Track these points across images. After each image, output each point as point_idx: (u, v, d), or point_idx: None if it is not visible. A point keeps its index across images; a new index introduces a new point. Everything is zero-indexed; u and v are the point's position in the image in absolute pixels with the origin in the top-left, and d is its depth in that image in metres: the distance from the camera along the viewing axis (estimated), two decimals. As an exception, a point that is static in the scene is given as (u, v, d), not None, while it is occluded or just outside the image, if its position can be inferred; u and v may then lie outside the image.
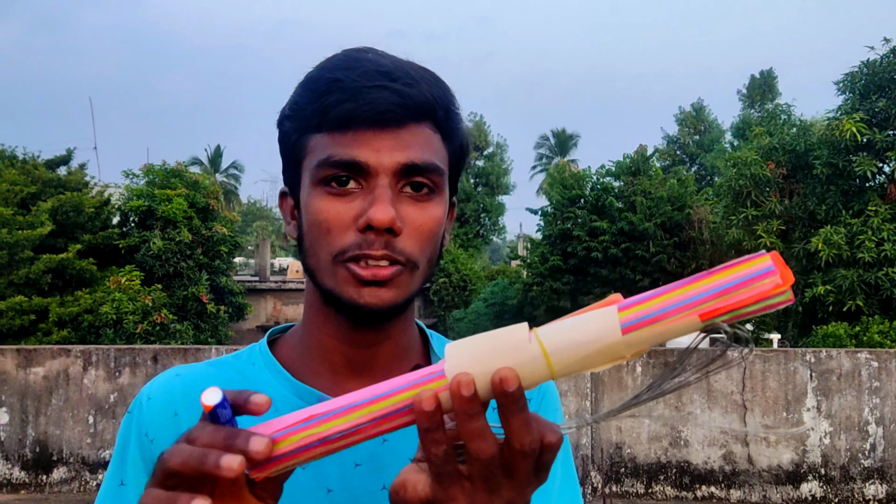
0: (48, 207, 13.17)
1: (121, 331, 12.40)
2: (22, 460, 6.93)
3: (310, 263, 0.81)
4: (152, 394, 0.84)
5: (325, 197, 0.77)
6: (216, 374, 0.86)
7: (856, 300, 10.99)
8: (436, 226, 0.80)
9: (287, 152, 0.83)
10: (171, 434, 0.80)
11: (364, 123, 0.75)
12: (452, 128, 0.82)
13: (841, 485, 6.64)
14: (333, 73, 0.78)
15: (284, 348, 0.89)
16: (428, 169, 0.77)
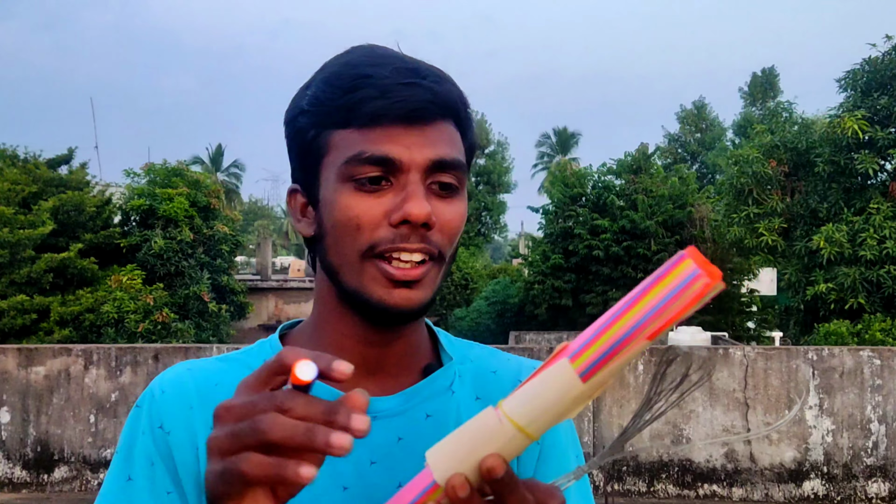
0: (49, 207, 13.18)
1: (122, 330, 12.40)
2: (23, 459, 6.93)
3: (332, 261, 0.80)
4: (165, 387, 0.82)
5: (354, 193, 0.76)
6: (227, 369, 0.85)
7: (858, 298, 10.98)
8: (461, 222, 0.81)
9: (301, 149, 0.82)
10: (186, 426, 0.80)
11: (395, 120, 0.76)
12: (468, 126, 0.84)
13: (843, 483, 6.63)
14: (361, 69, 0.78)
15: (296, 345, 0.87)
16: (454, 165, 0.79)
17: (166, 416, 0.80)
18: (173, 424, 0.80)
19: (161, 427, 0.80)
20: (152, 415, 0.81)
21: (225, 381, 0.83)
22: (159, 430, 0.80)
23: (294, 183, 0.85)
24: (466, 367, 0.90)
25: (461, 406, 0.86)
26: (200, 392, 0.82)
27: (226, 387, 0.82)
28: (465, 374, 0.89)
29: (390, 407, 0.82)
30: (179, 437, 0.79)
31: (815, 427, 6.68)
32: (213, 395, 0.81)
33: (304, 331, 0.89)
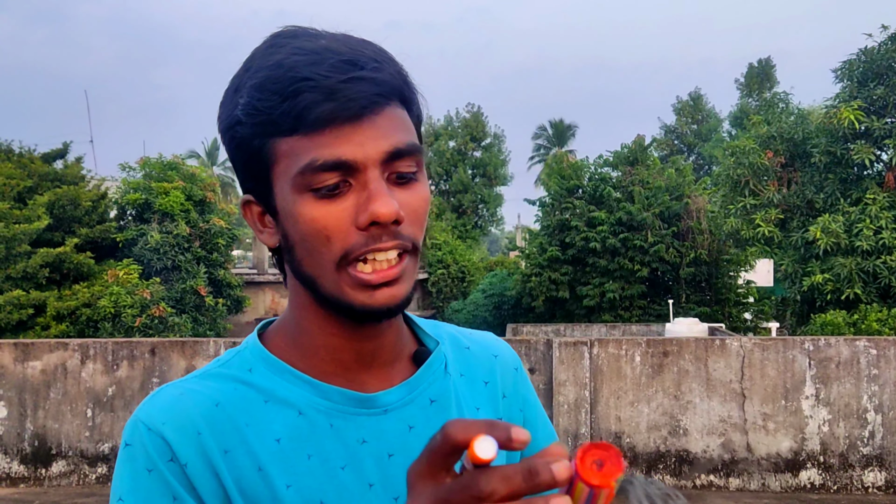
0: (45, 201, 13.13)
1: (119, 324, 12.38)
2: (21, 454, 6.93)
3: (308, 272, 0.77)
4: (164, 419, 0.76)
5: (315, 203, 0.74)
6: (221, 387, 0.80)
7: (854, 288, 11.00)
8: (427, 205, 0.79)
9: (247, 159, 0.78)
10: (200, 454, 0.75)
11: (345, 119, 0.72)
12: (413, 99, 0.80)
13: (840, 472, 6.66)
14: (297, 70, 0.73)
15: (280, 349, 0.84)
16: (411, 151, 0.76)
17: (177, 448, 0.74)
18: (187, 455, 0.74)
19: (173, 460, 0.74)
20: (157, 450, 0.74)
21: (224, 399, 0.78)
22: (172, 464, 0.74)
23: (246, 193, 0.81)
24: (447, 348, 0.91)
25: (457, 387, 0.87)
26: (203, 416, 0.76)
27: (227, 406, 0.78)
28: (447, 354, 0.90)
29: (399, 398, 0.82)
30: (197, 467, 0.74)
31: (812, 417, 6.70)
32: (217, 417, 0.77)
33: (286, 333, 0.85)
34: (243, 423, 0.77)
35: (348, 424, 0.79)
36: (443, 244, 23.87)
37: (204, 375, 0.81)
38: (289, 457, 0.77)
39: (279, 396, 0.79)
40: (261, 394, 0.79)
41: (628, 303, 16.93)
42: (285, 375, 0.81)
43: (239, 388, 0.80)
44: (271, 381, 0.80)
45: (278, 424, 0.78)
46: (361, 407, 0.80)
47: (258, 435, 0.77)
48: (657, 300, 17.15)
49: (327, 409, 0.79)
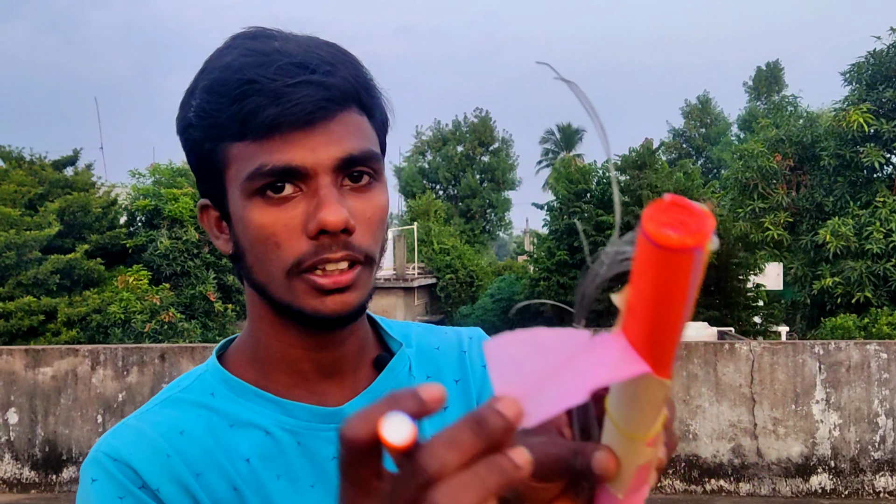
0: (55, 208, 13.22)
1: (129, 330, 12.44)
2: (32, 460, 6.96)
3: (258, 280, 0.76)
4: (128, 447, 0.73)
5: (264, 208, 0.72)
6: (182, 415, 0.77)
7: (864, 292, 10.95)
8: (383, 213, 0.76)
9: (201, 163, 0.77)
10: (171, 477, 0.72)
11: (292, 125, 0.70)
12: (374, 104, 0.78)
13: (851, 477, 6.62)
14: (244, 72, 0.71)
15: (240, 367, 0.82)
16: (366, 158, 0.74)
17: (146, 474, 0.72)
18: (158, 480, 0.72)
19: (143, 487, 0.72)
20: (126, 478, 0.72)
21: (187, 428, 0.76)
22: (144, 490, 0.72)
23: (203, 197, 0.81)
24: (412, 349, 0.88)
25: None
26: (171, 443, 0.74)
27: (191, 433, 0.76)
28: (412, 355, 0.87)
29: None
30: (170, 491, 0.72)
31: (822, 421, 6.66)
32: (182, 444, 0.75)
33: (245, 349, 0.83)
34: (210, 450, 0.76)
35: (316, 441, 0.78)
36: (451, 249, 23.88)
37: (165, 403, 0.79)
38: (259, 477, 0.76)
39: (244, 419, 0.78)
40: (225, 419, 0.78)
41: (637, 307, 16.90)
42: (248, 396, 0.79)
43: (203, 414, 0.78)
44: (235, 403, 0.79)
45: (246, 446, 0.76)
46: (327, 422, 0.78)
47: (228, 458, 0.76)
48: (666, 304, 17.10)
49: (293, 426, 0.78)
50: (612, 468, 0.45)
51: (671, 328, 0.42)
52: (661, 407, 0.46)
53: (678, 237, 0.39)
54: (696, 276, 0.40)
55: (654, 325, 0.42)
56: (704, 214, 0.39)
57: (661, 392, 0.44)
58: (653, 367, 0.43)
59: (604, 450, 0.45)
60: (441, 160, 34.61)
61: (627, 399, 0.46)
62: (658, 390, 0.44)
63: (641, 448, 0.46)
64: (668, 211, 0.40)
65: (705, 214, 0.39)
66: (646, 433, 0.46)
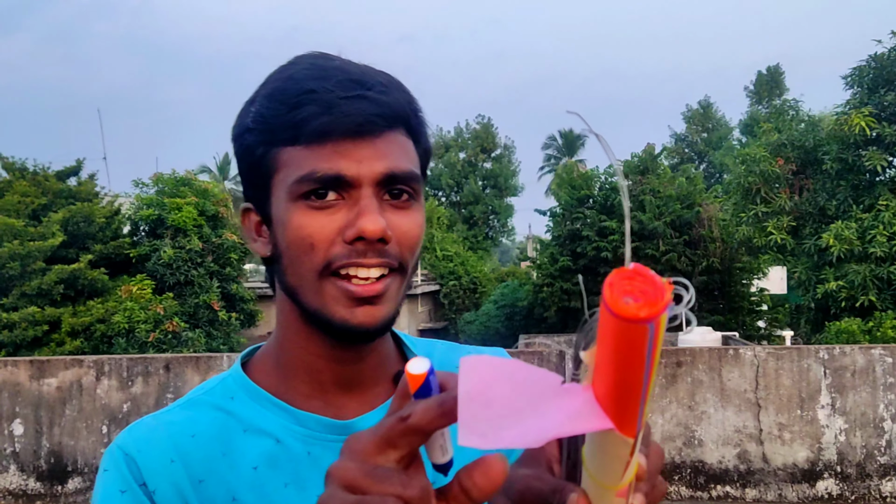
0: (59, 218, 13.25)
1: (133, 340, 12.44)
2: (37, 471, 6.97)
3: (290, 282, 0.78)
4: (140, 445, 0.78)
5: (306, 212, 0.75)
6: (198, 417, 0.81)
7: (868, 295, 10.92)
8: (420, 231, 0.79)
9: (251, 167, 0.80)
10: (171, 482, 0.76)
11: (342, 135, 0.74)
12: (421, 132, 0.82)
13: (857, 482, 6.60)
14: (304, 83, 0.75)
15: (262, 373, 0.85)
16: (408, 176, 0.77)
17: (148, 474, 0.76)
18: (157, 482, 0.76)
19: (144, 485, 0.76)
20: (131, 473, 0.76)
21: (199, 430, 0.80)
22: (142, 489, 0.76)
23: (247, 202, 0.84)
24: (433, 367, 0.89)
25: None
26: (177, 446, 0.78)
27: (202, 436, 0.79)
28: None
29: None
30: (165, 494, 0.76)
31: (828, 426, 6.64)
32: (192, 448, 0.78)
33: (269, 356, 0.86)
34: (220, 453, 0.78)
35: (326, 452, 0.79)
36: (454, 255, 23.88)
37: (187, 404, 0.83)
38: (265, 485, 0.77)
39: (257, 425, 0.80)
40: (240, 423, 0.80)
41: (641, 312, 16.86)
42: (264, 403, 0.81)
43: (219, 417, 0.81)
44: (251, 409, 0.81)
45: (255, 453, 0.78)
46: (339, 434, 0.80)
47: (234, 464, 0.78)
48: (670, 309, 17.06)
49: (304, 436, 0.80)
50: None
51: (632, 390, 0.43)
52: (625, 461, 0.47)
53: (635, 307, 0.40)
54: (654, 344, 0.41)
55: (616, 385, 0.44)
56: (663, 287, 0.41)
57: (623, 448, 0.46)
58: (616, 423, 0.44)
59: (579, 493, 0.49)
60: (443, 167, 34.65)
61: (596, 450, 0.48)
62: (620, 446, 0.46)
63: (611, 497, 0.49)
64: (632, 279, 0.41)
65: (664, 287, 0.41)
66: (614, 484, 0.48)
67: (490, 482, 0.48)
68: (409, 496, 0.48)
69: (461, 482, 0.48)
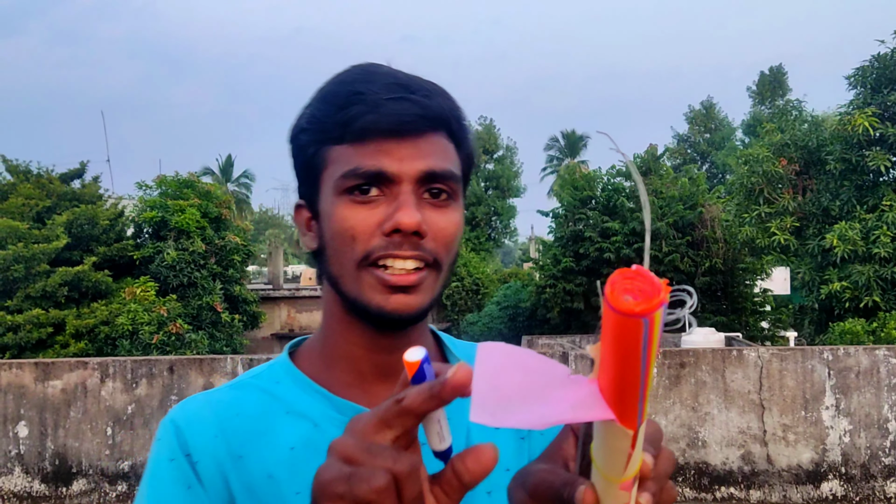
0: (63, 221, 13.27)
1: (137, 341, 12.46)
2: (42, 473, 6.98)
3: (333, 271, 0.84)
4: (189, 419, 0.85)
5: (349, 205, 0.80)
6: (243, 397, 0.87)
7: (872, 296, 10.90)
8: (456, 230, 0.83)
9: (303, 165, 0.85)
10: (212, 455, 0.82)
11: (386, 134, 0.79)
12: (464, 137, 0.86)
13: (862, 483, 6.59)
14: (353, 86, 0.81)
15: (307, 361, 0.90)
16: (446, 176, 0.81)
17: (192, 446, 0.83)
18: (200, 454, 0.82)
19: (188, 455, 0.82)
20: (179, 444, 0.83)
21: (244, 409, 0.86)
22: (186, 458, 0.82)
23: (300, 198, 0.89)
24: None
25: None
26: (221, 422, 0.84)
27: (246, 416, 0.85)
28: None
29: None
30: (206, 465, 0.82)
31: (832, 428, 6.63)
32: (235, 426, 0.84)
33: (314, 345, 0.91)
34: (260, 432, 0.84)
35: None
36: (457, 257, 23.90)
37: (236, 385, 0.89)
38: (300, 465, 0.82)
39: (298, 409, 0.85)
40: (282, 405, 0.86)
41: (644, 313, 16.83)
42: (306, 389, 0.87)
43: (263, 399, 0.87)
44: (293, 393, 0.87)
45: (294, 434, 0.84)
46: None
47: (273, 443, 0.83)
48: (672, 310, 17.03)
49: (340, 422, 0.83)
50: (590, 502, 0.51)
51: (631, 383, 0.46)
52: (627, 453, 0.50)
53: (633, 303, 0.44)
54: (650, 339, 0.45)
55: (616, 377, 0.47)
56: (660, 287, 0.45)
57: (624, 440, 0.49)
58: (617, 415, 0.48)
59: (587, 486, 0.52)
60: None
61: (601, 442, 0.52)
62: (622, 438, 0.49)
63: (615, 490, 0.52)
64: (633, 279, 0.45)
65: (660, 287, 0.45)
66: (618, 477, 0.51)
67: (481, 467, 0.52)
68: (398, 470, 0.52)
69: (454, 466, 0.53)
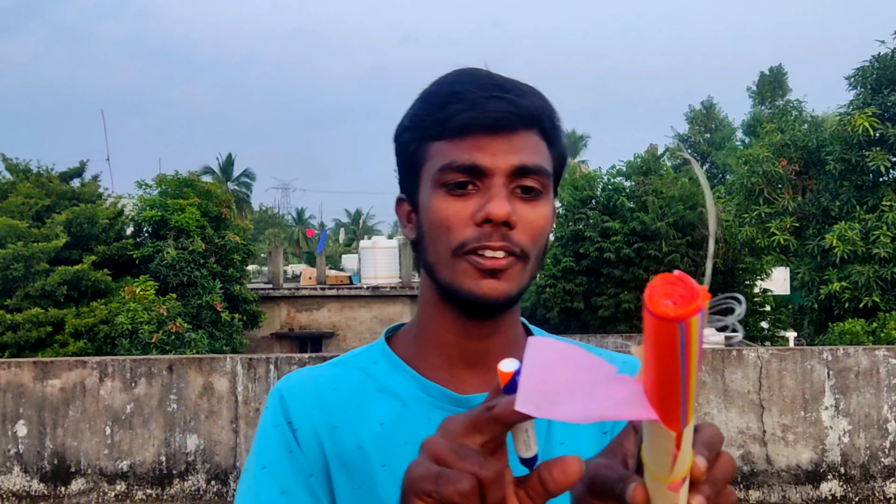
0: (63, 219, 13.27)
1: (136, 341, 12.45)
2: (40, 472, 6.98)
3: (429, 259, 0.89)
4: (291, 390, 0.93)
5: (445, 197, 0.86)
6: (342, 374, 0.95)
7: (872, 296, 10.90)
8: (545, 223, 0.88)
9: (405, 161, 0.92)
10: (310, 424, 0.90)
11: (481, 130, 0.84)
12: (556, 136, 0.91)
13: (861, 483, 6.58)
14: (452, 86, 0.87)
15: (401, 345, 0.97)
16: (537, 171, 0.86)
17: (293, 415, 0.91)
18: (300, 422, 0.91)
19: (290, 423, 0.91)
20: (283, 412, 0.92)
21: (341, 384, 0.94)
22: (288, 426, 0.91)
23: (401, 192, 0.96)
24: None
25: None
26: (320, 395, 0.93)
27: (342, 391, 0.93)
28: None
29: None
30: (305, 433, 0.90)
31: (832, 428, 6.63)
32: (332, 399, 0.92)
33: (409, 330, 0.98)
34: (354, 407, 0.91)
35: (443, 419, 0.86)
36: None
37: (337, 363, 0.97)
38: (388, 440, 0.89)
39: (389, 388, 0.92)
40: (375, 383, 0.93)
41: (644, 313, 16.83)
42: (398, 370, 0.94)
43: (359, 377, 0.94)
44: (386, 373, 0.94)
45: (384, 411, 0.91)
46: (457, 405, 0.90)
47: (365, 417, 0.91)
48: (673, 310, 17.02)
49: (427, 403, 0.91)
50: (639, 500, 0.53)
51: (671, 385, 0.48)
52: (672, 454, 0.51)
53: (671, 308, 0.45)
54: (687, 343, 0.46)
55: (658, 380, 0.48)
56: (698, 293, 0.46)
57: (669, 441, 0.50)
58: (661, 416, 0.49)
59: (639, 484, 0.54)
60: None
61: (648, 442, 0.53)
62: (667, 439, 0.50)
63: (664, 489, 0.53)
64: (674, 284, 0.46)
65: (699, 293, 0.46)
66: (666, 477, 0.52)
67: (566, 478, 0.55)
68: (483, 475, 0.55)
69: (540, 474, 0.56)
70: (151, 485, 6.92)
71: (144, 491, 6.92)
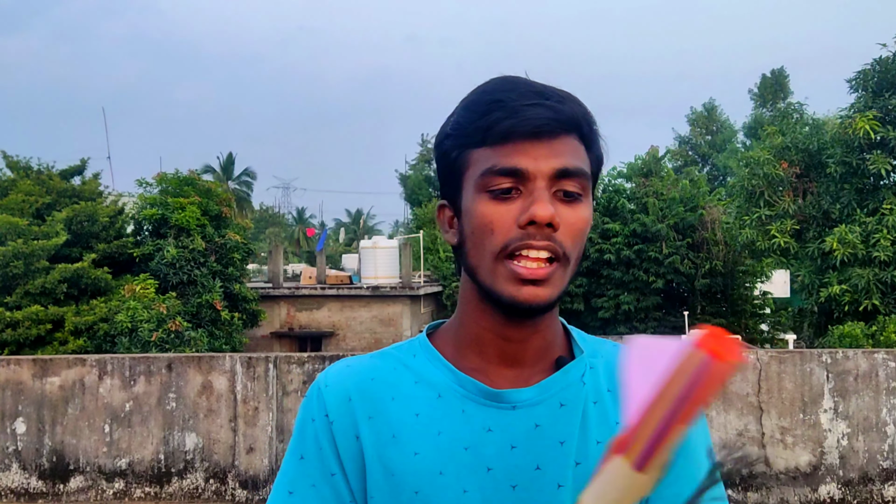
0: (63, 217, 13.27)
1: (136, 339, 12.46)
2: (39, 470, 6.98)
3: (471, 262, 0.91)
4: (328, 382, 0.96)
5: (488, 201, 0.88)
6: (381, 365, 0.97)
7: (872, 299, 10.90)
8: (585, 225, 0.90)
9: (447, 168, 0.94)
10: (347, 416, 0.93)
11: (523, 136, 0.87)
12: (593, 140, 0.93)
13: (859, 486, 6.58)
14: (493, 94, 0.90)
15: (441, 341, 0.99)
16: (577, 173, 0.89)
17: (330, 407, 0.94)
18: (336, 414, 0.94)
19: (327, 416, 0.94)
20: (319, 405, 0.95)
21: (379, 376, 0.96)
22: (325, 419, 0.94)
23: (442, 199, 0.98)
24: (598, 361, 0.99)
25: (590, 397, 0.95)
26: (358, 387, 0.95)
27: (380, 381, 0.96)
28: (596, 367, 0.98)
29: (529, 397, 0.92)
30: (341, 425, 0.93)
31: (831, 431, 6.63)
32: (369, 389, 0.95)
33: (450, 328, 1.00)
34: (390, 398, 0.94)
35: (478, 412, 0.92)
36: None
37: (379, 354, 1.00)
38: (422, 430, 0.92)
39: (426, 379, 0.95)
40: (413, 375, 0.96)
41: (644, 314, 16.84)
42: (436, 363, 0.96)
43: (398, 368, 0.97)
44: (424, 366, 0.96)
45: (420, 402, 0.93)
46: (490, 399, 0.92)
47: (401, 408, 0.93)
48: (673, 312, 17.05)
49: (462, 396, 0.93)
50: None
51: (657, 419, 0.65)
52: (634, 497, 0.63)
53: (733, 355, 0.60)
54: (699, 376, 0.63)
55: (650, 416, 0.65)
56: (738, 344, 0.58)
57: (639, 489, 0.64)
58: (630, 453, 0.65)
59: None
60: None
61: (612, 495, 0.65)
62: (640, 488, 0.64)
63: None
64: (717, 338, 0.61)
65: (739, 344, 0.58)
66: None
67: None
68: None
69: None
70: (150, 483, 6.92)
71: (143, 489, 6.92)
